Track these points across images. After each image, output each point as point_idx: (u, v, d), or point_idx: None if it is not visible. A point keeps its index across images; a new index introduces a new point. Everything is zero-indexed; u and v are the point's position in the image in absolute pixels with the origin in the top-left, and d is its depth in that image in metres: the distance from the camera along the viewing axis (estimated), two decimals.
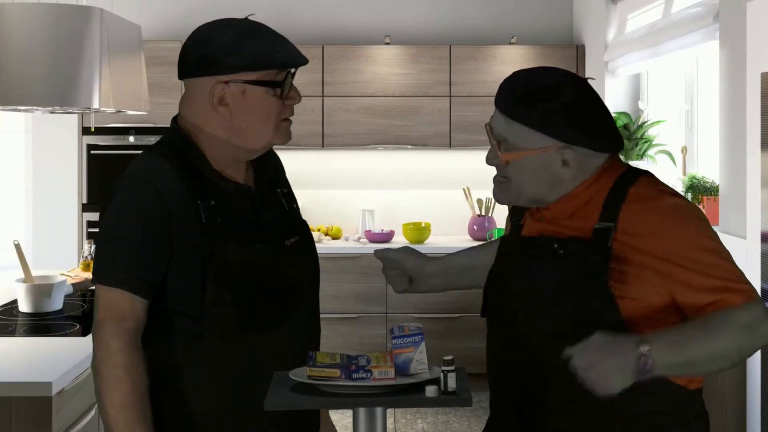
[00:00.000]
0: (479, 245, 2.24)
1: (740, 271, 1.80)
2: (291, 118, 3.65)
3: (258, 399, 1.98)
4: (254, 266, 1.97)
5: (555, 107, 1.81)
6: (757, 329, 1.73)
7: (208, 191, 1.97)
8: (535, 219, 1.93)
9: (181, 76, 2.01)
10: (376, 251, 2.17)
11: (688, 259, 1.76)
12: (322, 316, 6.09)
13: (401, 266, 2.16)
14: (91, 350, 2.89)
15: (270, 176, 2.11)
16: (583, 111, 1.82)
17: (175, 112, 6.20)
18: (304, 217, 6.73)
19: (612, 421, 1.83)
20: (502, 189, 1.90)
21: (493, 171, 6.72)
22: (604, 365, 1.63)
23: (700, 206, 4.21)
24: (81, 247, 6.31)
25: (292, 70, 2.00)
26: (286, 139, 2.03)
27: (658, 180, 1.87)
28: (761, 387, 3.28)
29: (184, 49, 1.99)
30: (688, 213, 1.80)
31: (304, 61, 1.99)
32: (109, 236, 1.94)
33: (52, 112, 3.81)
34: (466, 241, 6.36)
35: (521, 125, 1.83)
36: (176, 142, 2.01)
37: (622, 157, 5.16)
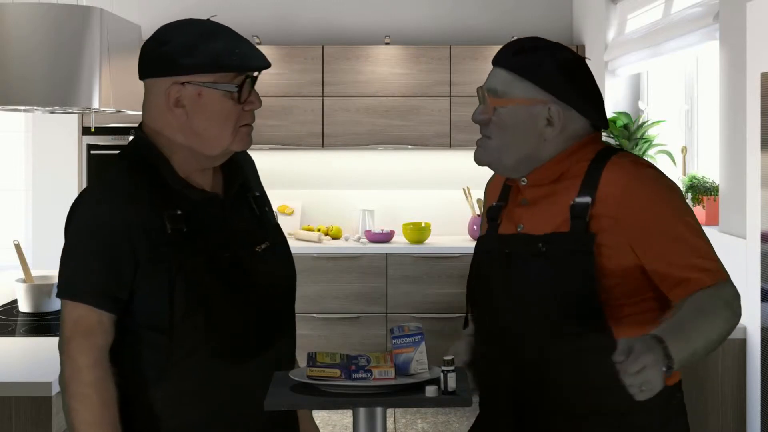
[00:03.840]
0: None
1: (712, 247, 1.81)
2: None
3: (230, 414, 1.93)
4: (223, 275, 1.91)
5: (550, 60, 1.86)
6: (735, 308, 1.74)
7: (174, 201, 1.91)
8: (517, 204, 1.93)
9: (141, 77, 1.95)
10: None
11: (666, 230, 1.78)
12: (322, 316, 6.09)
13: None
14: None
15: (240, 180, 2.04)
16: (576, 72, 1.88)
17: None
18: (303, 217, 6.73)
19: (595, 420, 1.82)
20: (483, 146, 1.91)
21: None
22: (653, 370, 1.55)
23: (700, 206, 4.21)
24: None
25: (254, 74, 1.94)
26: (245, 145, 1.95)
27: (635, 155, 1.90)
28: (761, 387, 3.28)
29: (144, 48, 1.93)
30: (666, 185, 1.83)
31: (263, 65, 1.91)
32: (72, 251, 1.89)
33: (52, 112, 3.81)
34: (466, 241, 6.36)
35: (514, 75, 1.87)
36: (141, 150, 1.95)
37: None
